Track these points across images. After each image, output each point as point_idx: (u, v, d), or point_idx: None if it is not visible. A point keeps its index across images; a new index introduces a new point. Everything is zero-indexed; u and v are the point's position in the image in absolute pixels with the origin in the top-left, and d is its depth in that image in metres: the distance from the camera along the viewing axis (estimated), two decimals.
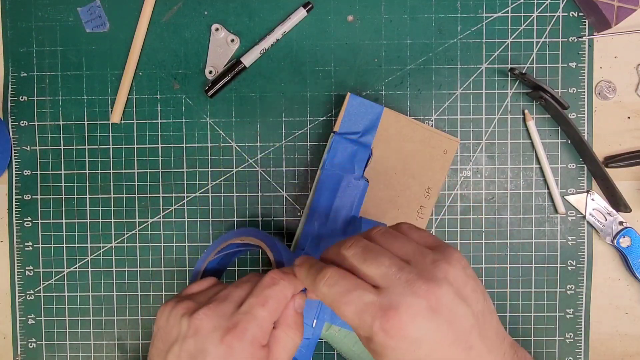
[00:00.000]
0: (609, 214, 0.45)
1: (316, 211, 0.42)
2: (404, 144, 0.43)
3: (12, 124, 0.46)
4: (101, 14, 0.45)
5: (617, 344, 0.46)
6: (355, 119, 0.43)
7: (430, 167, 0.43)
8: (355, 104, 0.43)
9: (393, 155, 0.43)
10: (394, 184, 0.43)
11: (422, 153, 0.43)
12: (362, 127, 0.43)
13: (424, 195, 0.43)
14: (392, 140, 0.43)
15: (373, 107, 0.43)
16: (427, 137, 0.43)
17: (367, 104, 0.43)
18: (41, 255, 0.46)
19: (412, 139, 0.43)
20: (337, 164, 0.42)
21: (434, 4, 0.45)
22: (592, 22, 0.45)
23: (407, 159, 0.43)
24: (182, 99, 0.46)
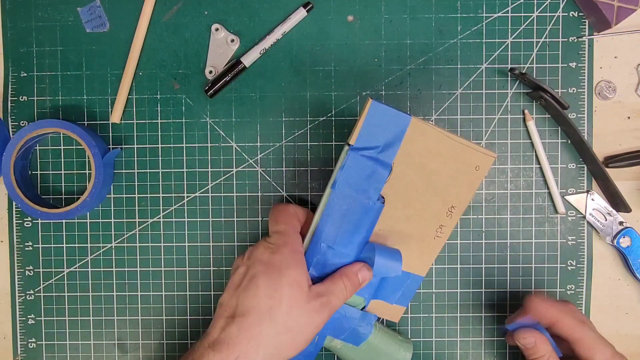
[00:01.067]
0: (609, 214, 0.45)
1: (323, 232, 0.38)
2: (429, 159, 0.37)
3: (12, 124, 0.46)
4: (101, 14, 0.45)
5: (617, 344, 0.46)
6: (375, 130, 0.36)
7: (458, 184, 0.38)
8: (377, 112, 0.36)
9: (415, 172, 0.38)
10: (412, 202, 0.38)
11: (449, 169, 0.37)
12: (383, 141, 0.37)
13: (446, 214, 0.38)
14: (416, 155, 0.37)
15: (398, 116, 0.36)
16: (459, 152, 0.37)
17: (391, 113, 0.36)
18: (41, 255, 0.46)
19: (439, 152, 0.37)
20: (351, 183, 0.37)
21: (434, 4, 0.45)
22: (592, 22, 0.45)
23: (432, 175, 0.38)
24: (182, 99, 0.46)
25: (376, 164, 0.37)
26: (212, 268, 0.46)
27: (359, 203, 0.37)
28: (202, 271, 0.46)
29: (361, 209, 0.37)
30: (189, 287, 0.46)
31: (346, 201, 0.37)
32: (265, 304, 0.35)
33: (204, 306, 0.46)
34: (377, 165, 0.37)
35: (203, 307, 0.46)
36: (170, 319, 0.46)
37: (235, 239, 0.46)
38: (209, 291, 0.46)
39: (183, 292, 0.46)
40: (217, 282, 0.46)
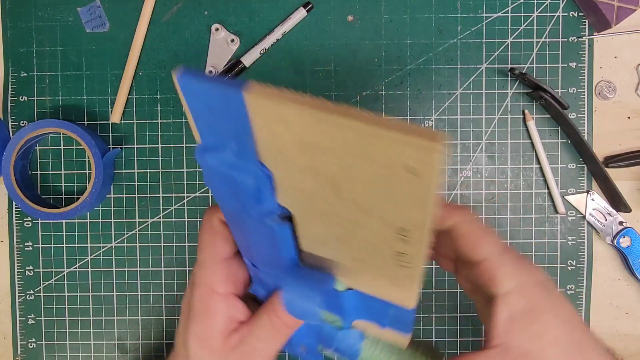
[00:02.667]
0: (609, 214, 0.45)
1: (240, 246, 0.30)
2: (318, 157, 0.20)
3: (12, 124, 0.46)
4: (101, 14, 0.45)
5: (617, 344, 0.46)
6: (210, 118, 0.22)
7: (391, 195, 0.20)
8: (192, 90, 0.21)
9: (307, 177, 0.22)
10: (331, 217, 0.23)
11: (363, 171, 0.20)
12: (230, 134, 0.22)
13: (398, 239, 0.22)
14: (291, 151, 0.20)
15: (220, 91, 0.20)
16: (362, 143, 0.18)
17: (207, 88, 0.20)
18: (41, 255, 0.46)
19: (329, 147, 0.19)
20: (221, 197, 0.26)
21: (434, 4, 0.45)
22: (592, 22, 0.45)
23: (338, 181, 0.21)
24: None
25: (237, 172, 0.23)
26: None
27: (248, 222, 0.26)
28: None
29: (255, 229, 0.26)
30: None
31: (233, 218, 0.27)
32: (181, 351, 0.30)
33: None
34: (238, 173, 0.23)
35: None
36: (170, 319, 0.46)
37: None
38: None
39: (183, 292, 0.46)
40: None
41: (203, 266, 0.29)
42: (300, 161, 0.21)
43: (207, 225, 0.29)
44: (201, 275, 0.29)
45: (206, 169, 0.23)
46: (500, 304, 0.27)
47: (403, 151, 0.18)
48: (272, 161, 0.22)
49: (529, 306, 0.27)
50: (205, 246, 0.29)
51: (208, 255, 0.29)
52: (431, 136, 0.17)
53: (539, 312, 0.27)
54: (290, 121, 0.19)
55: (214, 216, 0.29)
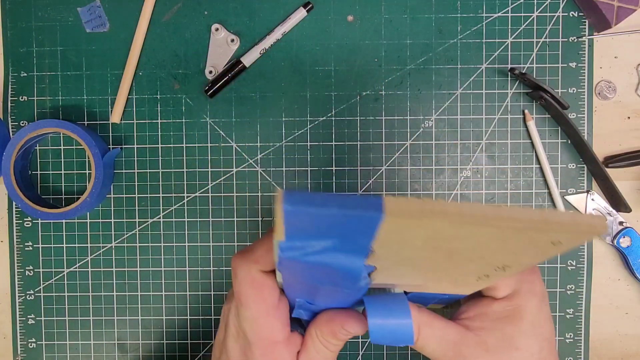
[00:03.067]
0: (609, 214, 0.45)
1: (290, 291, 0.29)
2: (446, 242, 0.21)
3: (12, 124, 0.46)
4: (101, 14, 0.45)
5: (617, 344, 0.46)
6: (312, 231, 0.20)
7: (516, 253, 0.22)
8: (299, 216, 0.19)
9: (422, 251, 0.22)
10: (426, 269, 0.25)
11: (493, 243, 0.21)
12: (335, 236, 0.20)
13: (494, 269, 0.24)
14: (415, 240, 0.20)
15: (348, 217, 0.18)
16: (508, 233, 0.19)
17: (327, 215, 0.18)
18: (41, 255, 0.46)
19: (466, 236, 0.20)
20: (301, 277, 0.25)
21: (434, 4, 0.45)
22: (592, 22, 0.45)
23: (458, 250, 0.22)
24: (182, 99, 0.46)
25: (334, 261, 0.22)
26: (212, 268, 0.46)
27: (330, 288, 0.25)
28: (202, 271, 0.46)
29: (333, 291, 0.26)
30: (189, 287, 0.46)
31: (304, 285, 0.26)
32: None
33: (204, 306, 0.46)
34: (339, 262, 0.22)
35: (203, 307, 0.46)
36: (170, 319, 0.46)
37: (235, 239, 0.46)
38: (209, 291, 0.46)
39: (183, 292, 0.46)
40: (217, 282, 0.46)
41: (256, 322, 0.28)
42: (421, 244, 0.21)
43: (247, 280, 0.27)
44: (256, 330, 0.28)
45: (289, 261, 0.22)
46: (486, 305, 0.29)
47: (560, 236, 0.19)
48: (384, 246, 0.21)
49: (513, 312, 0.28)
50: (254, 302, 0.27)
51: (259, 311, 0.28)
52: (592, 225, 0.18)
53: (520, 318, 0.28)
54: (433, 227, 0.19)
55: (251, 268, 0.27)
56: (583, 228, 0.19)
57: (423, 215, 0.18)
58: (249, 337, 0.28)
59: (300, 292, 0.28)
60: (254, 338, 0.28)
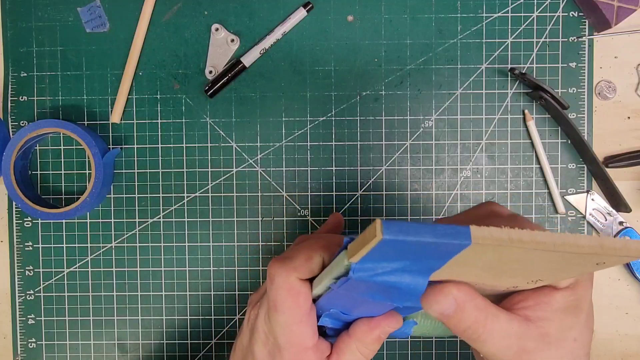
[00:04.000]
0: (609, 214, 0.45)
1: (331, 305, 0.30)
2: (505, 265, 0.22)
3: (12, 124, 0.46)
4: (101, 14, 0.45)
5: (617, 344, 0.46)
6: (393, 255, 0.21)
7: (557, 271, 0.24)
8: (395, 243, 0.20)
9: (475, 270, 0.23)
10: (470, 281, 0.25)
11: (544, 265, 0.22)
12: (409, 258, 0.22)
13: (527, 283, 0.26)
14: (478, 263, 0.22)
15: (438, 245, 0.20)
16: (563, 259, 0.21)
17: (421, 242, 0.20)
18: (41, 255, 0.46)
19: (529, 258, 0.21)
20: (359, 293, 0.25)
21: (434, 4, 0.45)
22: (592, 22, 0.45)
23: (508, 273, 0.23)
24: (182, 99, 0.46)
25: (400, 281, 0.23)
26: (212, 268, 0.46)
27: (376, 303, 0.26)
28: (202, 271, 0.46)
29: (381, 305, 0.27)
30: (189, 287, 0.46)
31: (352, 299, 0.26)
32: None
33: (204, 306, 0.46)
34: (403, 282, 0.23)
35: (203, 307, 0.46)
36: (170, 319, 0.46)
37: (235, 239, 0.46)
38: (209, 291, 0.46)
39: (183, 292, 0.46)
40: (217, 282, 0.46)
41: (289, 328, 0.28)
42: (481, 264, 0.22)
43: (285, 287, 0.28)
44: (289, 336, 0.28)
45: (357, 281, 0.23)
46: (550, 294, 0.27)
47: (609, 260, 0.21)
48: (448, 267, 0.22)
49: (575, 302, 0.28)
50: (289, 308, 0.28)
51: (293, 317, 0.28)
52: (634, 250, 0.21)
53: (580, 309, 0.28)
54: (506, 253, 0.21)
55: (290, 275, 0.28)
56: (633, 253, 0.20)
57: (503, 243, 0.19)
58: (280, 342, 0.29)
59: (340, 304, 0.28)
60: (285, 343, 0.28)
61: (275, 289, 0.28)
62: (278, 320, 0.28)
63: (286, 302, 0.28)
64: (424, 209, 0.46)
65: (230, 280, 0.46)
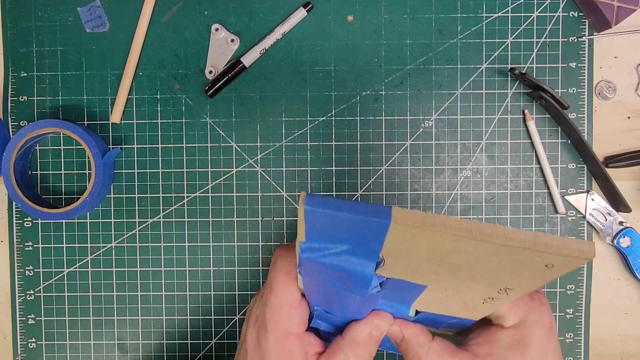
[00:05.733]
0: (609, 214, 0.45)
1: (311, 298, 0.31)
2: (449, 255, 0.22)
3: (12, 124, 0.46)
4: (101, 14, 0.45)
5: (617, 344, 0.46)
6: (330, 232, 0.23)
7: (514, 274, 0.23)
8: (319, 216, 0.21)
9: (426, 263, 0.24)
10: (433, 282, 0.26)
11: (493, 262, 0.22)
12: (350, 240, 0.23)
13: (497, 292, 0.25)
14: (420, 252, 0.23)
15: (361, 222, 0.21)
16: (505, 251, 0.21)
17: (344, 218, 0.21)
18: (41, 255, 0.46)
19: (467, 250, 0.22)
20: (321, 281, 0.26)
21: (434, 4, 0.45)
22: (592, 22, 0.45)
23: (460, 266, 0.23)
24: (182, 99, 0.46)
25: (348, 265, 0.24)
26: (212, 268, 0.46)
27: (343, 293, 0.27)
28: (202, 271, 0.46)
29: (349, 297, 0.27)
30: (189, 287, 0.46)
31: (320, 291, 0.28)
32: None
33: (204, 306, 0.46)
34: (352, 266, 0.24)
35: (203, 307, 0.46)
36: (170, 319, 0.46)
37: (235, 239, 0.46)
38: (209, 291, 0.46)
39: (183, 292, 0.46)
40: (217, 282, 0.46)
41: (278, 311, 0.30)
42: (425, 256, 0.23)
43: (284, 269, 0.29)
44: (276, 319, 0.30)
45: (307, 261, 0.24)
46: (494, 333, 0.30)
47: (551, 259, 0.20)
48: (392, 255, 0.23)
49: (521, 340, 0.29)
50: (283, 291, 0.29)
51: (284, 300, 0.29)
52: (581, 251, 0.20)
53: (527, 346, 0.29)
54: (434, 238, 0.21)
55: (292, 260, 0.30)
56: (572, 252, 0.20)
57: (425, 225, 0.20)
58: (267, 324, 0.30)
59: (318, 298, 0.29)
60: (271, 325, 0.30)
61: (274, 270, 0.29)
62: (270, 302, 0.30)
63: (281, 284, 0.29)
64: (424, 209, 0.46)
65: (230, 280, 0.46)
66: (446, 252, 0.22)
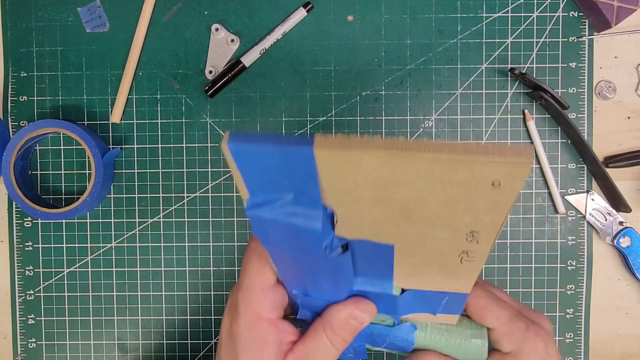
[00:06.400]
0: (609, 214, 0.45)
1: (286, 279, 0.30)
2: (391, 189, 0.21)
3: (12, 124, 0.46)
4: (101, 14, 0.45)
5: (617, 344, 0.46)
6: (265, 176, 0.22)
7: (467, 208, 0.22)
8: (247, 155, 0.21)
9: (375, 207, 0.22)
10: (396, 236, 0.24)
11: (438, 192, 0.21)
12: (288, 186, 0.22)
13: (466, 239, 0.24)
14: (362, 190, 0.21)
15: (285, 153, 0.20)
16: (443, 169, 0.19)
17: (269, 152, 0.20)
18: (41, 255, 0.46)
19: (405, 178, 0.20)
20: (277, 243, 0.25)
21: (434, 4, 0.45)
22: (592, 22, 0.45)
23: (409, 204, 0.22)
24: (182, 99, 0.46)
25: (300, 219, 0.23)
26: (212, 268, 0.46)
27: (305, 260, 0.26)
28: (202, 271, 0.46)
29: (313, 265, 0.26)
30: (189, 287, 0.46)
31: (284, 257, 0.26)
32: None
33: (204, 306, 0.46)
34: (301, 219, 0.23)
35: (203, 307, 0.46)
36: (170, 319, 0.46)
37: (235, 239, 0.46)
38: (209, 291, 0.46)
39: (183, 292, 0.46)
40: (217, 282, 0.46)
41: (248, 293, 0.29)
42: (369, 196, 0.21)
43: (257, 251, 0.29)
44: (247, 302, 0.29)
45: (257, 221, 0.23)
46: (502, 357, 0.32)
47: (491, 171, 0.19)
48: (337, 201, 0.22)
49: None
50: (254, 273, 0.29)
51: (256, 282, 0.29)
52: (518, 153, 0.18)
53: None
54: (364, 165, 0.19)
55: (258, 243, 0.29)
56: (509, 156, 0.18)
57: (348, 146, 0.19)
58: (240, 307, 0.29)
59: (288, 275, 0.28)
60: (243, 309, 0.29)
61: (249, 252, 0.29)
62: (242, 284, 0.29)
63: (254, 265, 0.29)
64: None
65: (230, 281, 0.46)
66: (386, 186, 0.21)
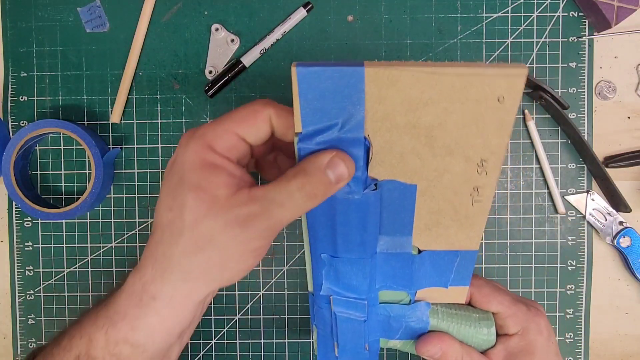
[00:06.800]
0: (609, 214, 0.45)
1: (317, 243, 0.31)
2: (419, 113, 0.26)
3: (12, 124, 0.46)
4: (101, 14, 0.45)
5: (617, 344, 0.46)
6: (320, 103, 0.26)
7: (478, 129, 0.27)
8: (311, 80, 0.26)
9: (407, 135, 0.27)
10: (420, 173, 0.29)
11: (456, 114, 0.26)
12: (339, 113, 0.26)
13: (477, 171, 0.28)
14: (396, 114, 0.26)
15: (344, 73, 0.25)
16: (460, 86, 0.25)
17: (329, 73, 0.25)
18: (41, 255, 0.46)
19: (431, 99, 0.26)
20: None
21: (434, 4, 0.45)
22: (592, 22, 0.45)
23: (433, 131, 0.27)
24: (182, 99, 0.46)
25: (342, 145, 0.27)
26: None
27: (342, 202, 0.28)
28: None
29: (349, 207, 0.28)
30: None
31: (324, 205, 0.28)
32: (165, 217, 0.27)
33: None
34: (344, 147, 0.27)
35: None
36: None
37: None
38: None
39: None
40: None
41: (211, 126, 0.27)
42: (402, 120, 0.27)
43: (251, 108, 0.29)
44: (198, 133, 0.27)
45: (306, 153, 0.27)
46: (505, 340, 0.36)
47: (495, 83, 0.25)
48: (375, 128, 0.27)
49: (526, 347, 0.35)
50: (232, 117, 0.28)
51: (227, 123, 0.27)
52: (515, 67, 0.25)
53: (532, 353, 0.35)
54: (400, 83, 0.25)
55: (268, 105, 0.29)
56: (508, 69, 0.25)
57: (390, 65, 0.25)
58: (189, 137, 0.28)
59: (321, 235, 0.31)
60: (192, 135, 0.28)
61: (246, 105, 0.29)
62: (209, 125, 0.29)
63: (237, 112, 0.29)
64: None
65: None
66: (416, 107, 0.26)
